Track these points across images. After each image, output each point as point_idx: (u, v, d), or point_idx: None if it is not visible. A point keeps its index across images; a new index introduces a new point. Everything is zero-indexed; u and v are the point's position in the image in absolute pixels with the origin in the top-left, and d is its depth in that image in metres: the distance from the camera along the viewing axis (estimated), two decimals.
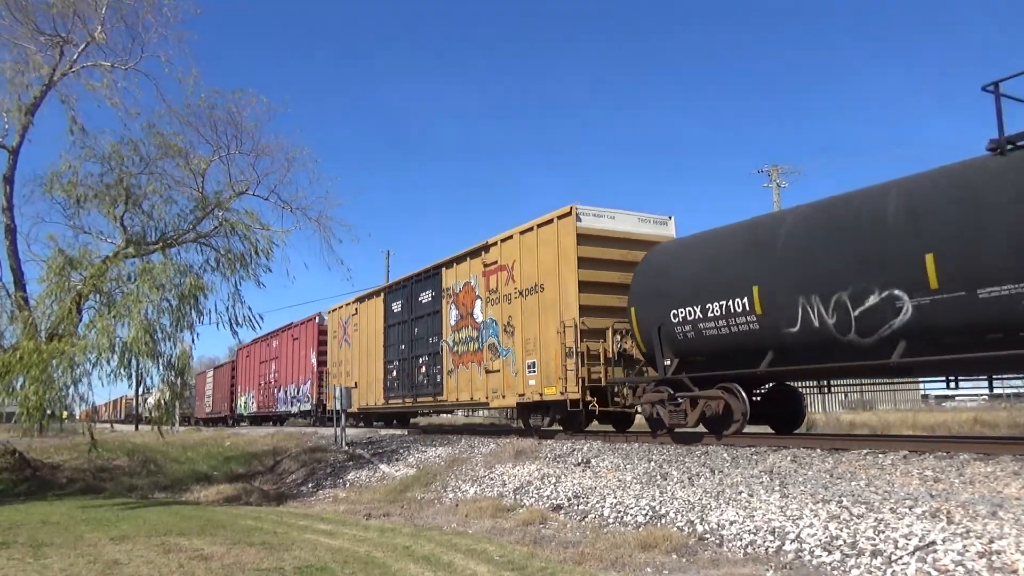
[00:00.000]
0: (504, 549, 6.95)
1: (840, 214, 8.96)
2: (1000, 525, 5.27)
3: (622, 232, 13.56)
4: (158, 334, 12.20)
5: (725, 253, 10.52)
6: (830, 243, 8.86)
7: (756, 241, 9.99)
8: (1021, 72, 7.30)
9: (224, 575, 6.20)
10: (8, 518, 10.20)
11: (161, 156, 13.92)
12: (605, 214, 13.71)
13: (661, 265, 11.66)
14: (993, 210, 7.30)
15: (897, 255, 8.05)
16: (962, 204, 7.62)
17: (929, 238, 7.76)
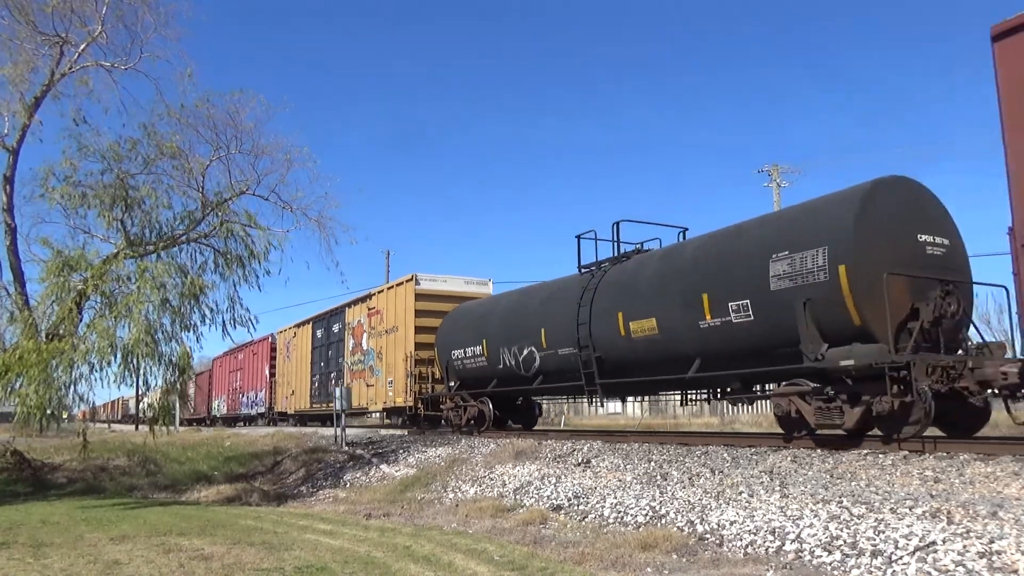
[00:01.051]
0: (504, 549, 6.95)
1: (513, 304, 15.59)
2: (1000, 525, 5.28)
3: (448, 291, 19.53)
4: (159, 334, 12.20)
5: (475, 318, 16.61)
6: (509, 319, 15.20)
7: (485, 314, 16.36)
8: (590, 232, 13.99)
9: (224, 575, 6.20)
10: (8, 518, 10.20)
11: (160, 156, 13.92)
12: (438, 279, 19.78)
13: (450, 321, 17.53)
14: (567, 305, 13.22)
15: (532, 329, 14.23)
16: (557, 301, 13.86)
17: (544, 319, 13.95)
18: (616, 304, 12.08)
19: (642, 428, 19.26)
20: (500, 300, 16.61)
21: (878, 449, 8.48)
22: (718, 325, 10.15)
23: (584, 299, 12.77)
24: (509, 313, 15.33)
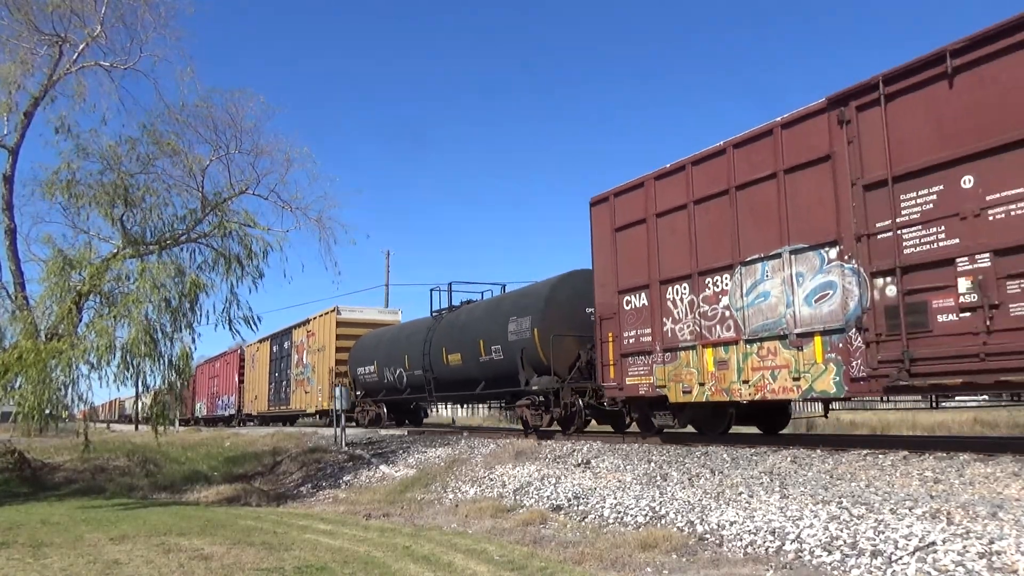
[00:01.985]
0: (504, 549, 6.95)
1: (392, 336, 21.25)
2: (1000, 526, 5.28)
3: (362, 320, 25.38)
4: (158, 334, 12.20)
5: (371, 345, 22.27)
6: (389, 347, 20.67)
7: (376, 343, 21.97)
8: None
9: (224, 575, 6.20)
10: (8, 518, 10.20)
11: (160, 156, 13.92)
12: (356, 310, 26.09)
13: (357, 345, 23.29)
14: (420, 340, 18.67)
15: (401, 355, 19.54)
16: (415, 337, 19.23)
17: (407, 349, 19.37)
18: (443, 342, 17.84)
19: None
20: (386, 332, 22.61)
21: (878, 449, 8.48)
22: (488, 360, 15.89)
23: (428, 337, 18.67)
24: (389, 343, 21.17)
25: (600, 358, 12.28)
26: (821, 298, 8.82)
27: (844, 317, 8.50)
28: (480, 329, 16.24)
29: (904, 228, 7.89)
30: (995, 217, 7.14)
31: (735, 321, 9.90)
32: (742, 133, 9.88)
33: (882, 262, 8.09)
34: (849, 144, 8.51)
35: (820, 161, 8.85)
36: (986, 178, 7.26)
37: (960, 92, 7.57)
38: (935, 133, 7.73)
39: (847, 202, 8.48)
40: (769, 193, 9.45)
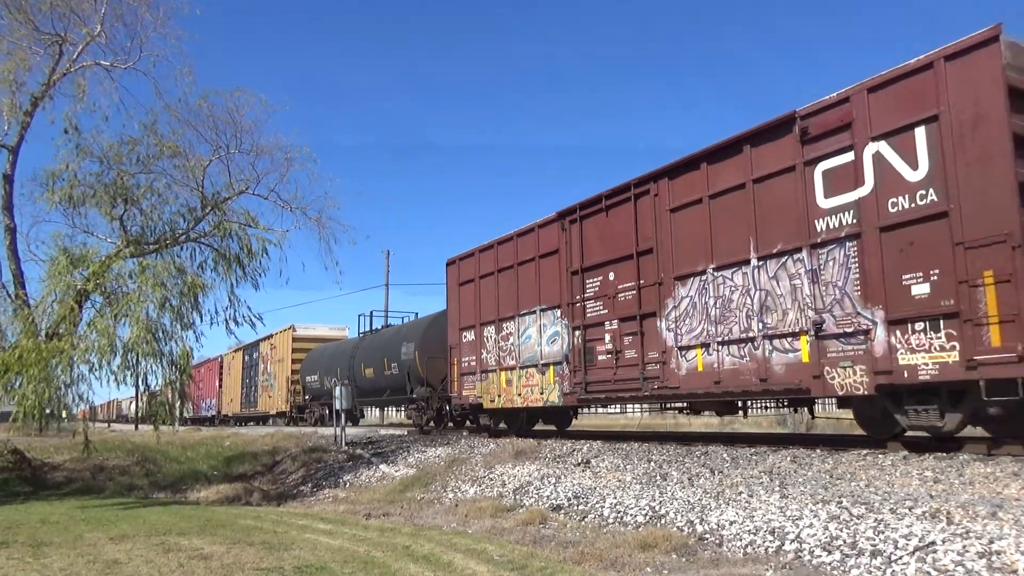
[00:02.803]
0: (504, 549, 6.94)
1: (330, 351, 26.46)
2: (1000, 526, 5.28)
3: (314, 335, 30.84)
4: (159, 333, 12.20)
5: (315, 358, 27.15)
6: (328, 360, 25.40)
7: (319, 356, 26.84)
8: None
9: (224, 574, 6.20)
10: (8, 517, 10.20)
11: (160, 155, 13.92)
12: (310, 327, 31.35)
13: (307, 357, 28.10)
14: (348, 355, 24.15)
15: (335, 368, 24.32)
16: (345, 352, 24.70)
17: (340, 362, 24.25)
18: (362, 358, 23.06)
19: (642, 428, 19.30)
20: (328, 347, 27.66)
21: (878, 450, 8.48)
22: (389, 374, 20.83)
23: (353, 353, 23.93)
24: (329, 356, 25.98)
25: (450, 376, 16.93)
26: (553, 341, 13.51)
27: (562, 354, 13.17)
28: (385, 350, 21.52)
29: (586, 300, 12.71)
30: (620, 298, 12.01)
31: (515, 354, 14.60)
32: (524, 226, 14.52)
33: (576, 320, 12.85)
34: (565, 244, 13.20)
35: (553, 253, 13.55)
36: (618, 275, 12.09)
37: (610, 221, 12.31)
38: (600, 244, 12.48)
39: (565, 281, 13.15)
40: (532, 270, 14.17)
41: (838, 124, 8.78)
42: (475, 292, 15.88)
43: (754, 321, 9.66)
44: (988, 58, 7.42)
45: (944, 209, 7.68)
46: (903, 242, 8.08)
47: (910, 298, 7.95)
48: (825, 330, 8.77)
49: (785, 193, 9.35)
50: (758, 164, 9.75)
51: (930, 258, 7.79)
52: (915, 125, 8.01)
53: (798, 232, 9.15)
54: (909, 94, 8.10)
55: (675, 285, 10.95)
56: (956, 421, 7.89)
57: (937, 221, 7.74)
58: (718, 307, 10.22)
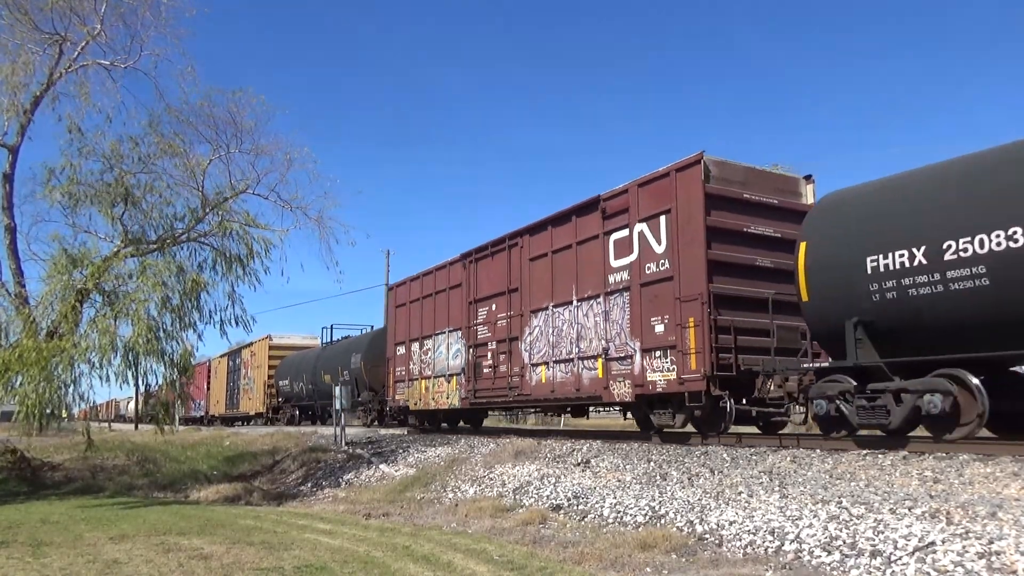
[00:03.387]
0: (504, 549, 6.95)
1: (297, 358, 30.51)
2: (999, 526, 5.27)
3: (288, 344, 33.23)
4: (160, 332, 12.20)
5: (288, 364, 30.94)
6: (296, 366, 29.92)
7: (291, 362, 30.47)
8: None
9: (224, 574, 6.20)
10: (8, 517, 10.20)
11: (161, 155, 13.91)
12: (285, 336, 33.81)
13: (282, 364, 31.31)
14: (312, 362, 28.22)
15: (303, 373, 28.92)
16: (310, 359, 28.42)
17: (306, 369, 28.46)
18: (321, 366, 26.36)
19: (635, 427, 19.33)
20: (299, 355, 30.50)
21: (877, 450, 8.48)
22: (343, 380, 22.54)
23: (315, 362, 27.25)
24: (298, 364, 29.28)
25: (387, 383, 20.29)
26: (456, 356, 16.57)
27: (460, 367, 16.29)
28: (340, 359, 25.13)
29: (477, 325, 15.80)
30: (498, 324, 15.01)
31: (431, 366, 17.75)
32: (441, 262, 17.59)
33: (471, 340, 15.97)
34: (466, 280, 16.34)
35: (459, 286, 16.73)
36: (498, 306, 15.08)
37: (495, 263, 15.32)
38: (488, 281, 15.51)
39: (465, 309, 16.25)
40: (444, 298, 17.31)
41: (622, 208, 12.00)
42: (407, 314, 19.20)
43: (574, 346, 12.86)
44: (695, 173, 10.71)
45: (672, 274, 10.91)
46: (652, 295, 11.28)
47: (654, 334, 11.19)
48: (610, 355, 12.03)
49: (594, 254, 12.53)
50: (580, 231, 12.92)
51: (664, 307, 11.01)
52: (660, 214, 11.20)
53: (599, 283, 12.34)
54: (659, 192, 11.30)
55: (531, 316, 14.11)
56: (682, 420, 11.19)
57: (669, 282, 10.97)
58: (555, 335, 13.41)
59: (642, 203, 11.59)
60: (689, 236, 10.67)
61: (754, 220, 11.03)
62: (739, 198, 10.96)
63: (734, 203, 10.90)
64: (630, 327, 11.59)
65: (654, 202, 11.35)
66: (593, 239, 12.54)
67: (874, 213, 8.50)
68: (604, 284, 12.18)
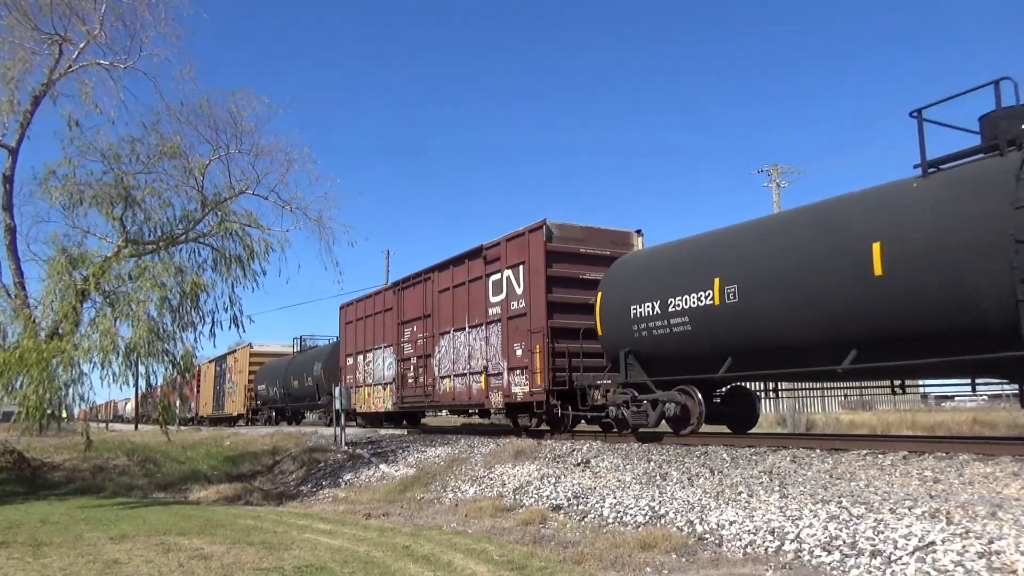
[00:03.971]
0: (504, 549, 6.95)
1: (275, 364, 32.93)
2: (1000, 525, 5.28)
3: (267, 351, 35.68)
4: (160, 333, 12.20)
5: (266, 370, 33.29)
6: (276, 372, 32.04)
7: (269, 368, 32.76)
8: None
9: (224, 574, 6.20)
10: (7, 517, 10.20)
11: (160, 156, 13.90)
12: (266, 345, 36.53)
13: (261, 370, 33.94)
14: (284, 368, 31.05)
15: (279, 377, 31.74)
16: (282, 366, 31.45)
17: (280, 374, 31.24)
18: (291, 372, 29.28)
19: None
20: (274, 362, 33.04)
21: (878, 449, 8.49)
22: (308, 385, 27.25)
23: (287, 368, 29.89)
24: (274, 370, 31.89)
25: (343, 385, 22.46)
26: (389, 368, 19.60)
27: (393, 377, 19.29)
28: (305, 367, 27.95)
29: (403, 343, 18.78)
30: (418, 343, 17.92)
31: (372, 375, 20.84)
32: (379, 287, 21.43)
33: (399, 355, 18.97)
34: (398, 304, 19.17)
35: (391, 310, 19.62)
36: (418, 328, 18.05)
37: (416, 292, 18.22)
38: (411, 307, 18.49)
39: (395, 329, 19.19)
40: (380, 320, 20.38)
41: (496, 256, 15.01)
42: (354, 330, 22.31)
43: (466, 364, 15.92)
44: (539, 235, 13.74)
45: (527, 311, 13.90)
46: (514, 326, 14.26)
47: (516, 357, 14.21)
48: (489, 371, 15.09)
49: (479, 291, 15.46)
50: (470, 272, 15.94)
51: (522, 336, 14.02)
52: (520, 264, 14.18)
53: (482, 314, 15.31)
54: (519, 246, 14.29)
55: (440, 338, 17.15)
56: (535, 422, 14.71)
57: (524, 317, 13.96)
58: (454, 354, 16.45)
59: (509, 254, 14.58)
60: (536, 283, 13.70)
61: (589, 268, 13.84)
62: (576, 252, 13.97)
63: (572, 256, 13.92)
64: (501, 350, 14.68)
65: (516, 254, 14.38)
66: (478, 279, 15.56)
67: (636, 275, 11.81)
68: (485, 315, 15.27)
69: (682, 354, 10.74)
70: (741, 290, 9.64)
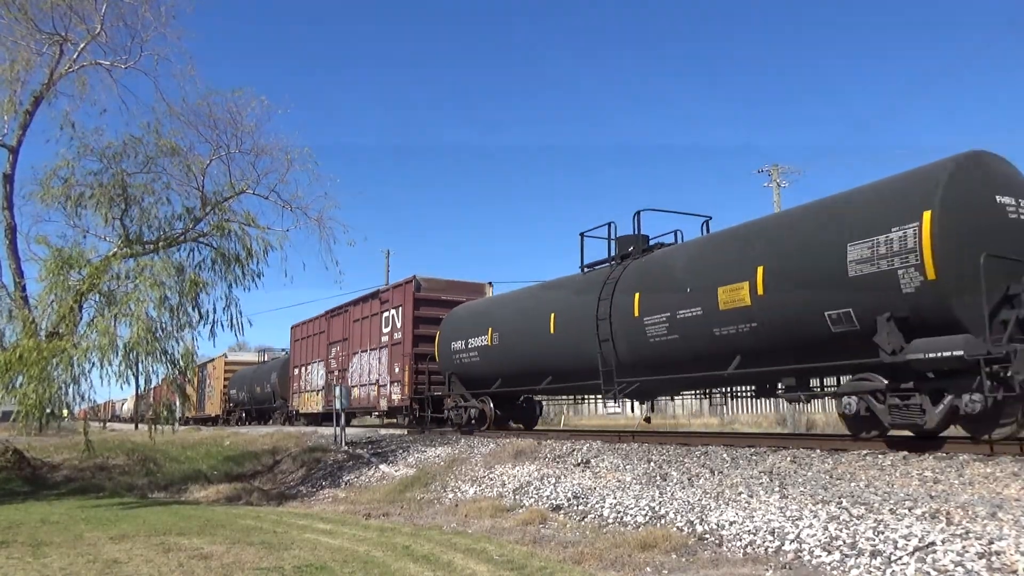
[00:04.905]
0: (504, 549, 6.95)
1: (248, 372, 37.53)
2: (1000, 526, 5.28)
3: (239, 360, 40.98)
4: (159, 332, 12.18)
5: (238, 377, 37.78)
6: (247, 378, 36.51)
7: (240, 376, 37.49)
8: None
9: (224, 574, 6.20)
10: (7, 517, 10.20)
11: (160, 155, 13.89)
12: (238, 354, 42.17)
13: (234, 376, 38.40)
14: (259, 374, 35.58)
15: (250, 382, 36.04)
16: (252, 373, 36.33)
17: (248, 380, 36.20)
18: (255, 380, 33.98)
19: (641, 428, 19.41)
20: (244, 369, 38.11)
21: (878, 449, 8.49)
22: (267, 391, 32.73)
23: (253, 376, 34.70)
24: (241, 377, 36.79)
25: (289, 393, 28.74)
26: (320, 379, 25.02)
27: (322, 386, 24.74)
28: (265, 376, 33.00)
29: (331, 359, 24.39)
30: (340, 359, 23.59)
31: (309, 384, 26.58)
32: (315, 315, 26.41)
33: (327, 369, 24.59)
34: (328, 328, 24.73)
35: (323, 333, 25.19)
36: (340, 348, 23.64)
37: (340, 320, 23.88)
38: (336, 330, 24.15)
39: (326, 348, 24.66)
40: (316, 340, 26.07)
41: (387, 299, 20.52)
42: (299, 347, 28.10)
43: (368, 377, 21.34)
44: (411, 287, 19.31)
45: (401, 341, 19.28)
46: (395, 352, 19.62)
47: (395, 373, 19.50)
48: (380, 383, 20.45)
49: (376, 323, 20.95)
50: (372, 309, 21.38)
51: (399, 359, 19.41)
52: (399, 306, 19.53)
53: (378, 341, 20.73)
54: (399, 293, 19.79)
55: (353, 356, 22.52)
56: (407, 421, 19.80)
57: (400, 345, 19.30)
58: (361, 369, 21.87)
59: (394, 298, 20.17)
60: (408, 320, 19.19)
61: (447, 310, 18.06)
62: (438, 299, 19.31)
63: (434, 301, 19.23)
64: (387, 368, 20.14)
65: (398, 298, 19.93)
66: (376, 315, 21.05)
67: (456, 322, 16.95)
68: (379, 342, 20.77)
69: (476, 376, 16.00)
70: (501, 336, 15.02)
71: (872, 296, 8.09)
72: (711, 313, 10.02)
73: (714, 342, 10.08)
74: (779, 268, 9.19)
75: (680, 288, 10.63)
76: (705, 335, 10.17)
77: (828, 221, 8.90)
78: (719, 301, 9.87)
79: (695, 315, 10.28)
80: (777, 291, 9.15)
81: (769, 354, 9.51)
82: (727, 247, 10.48)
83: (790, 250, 9.21)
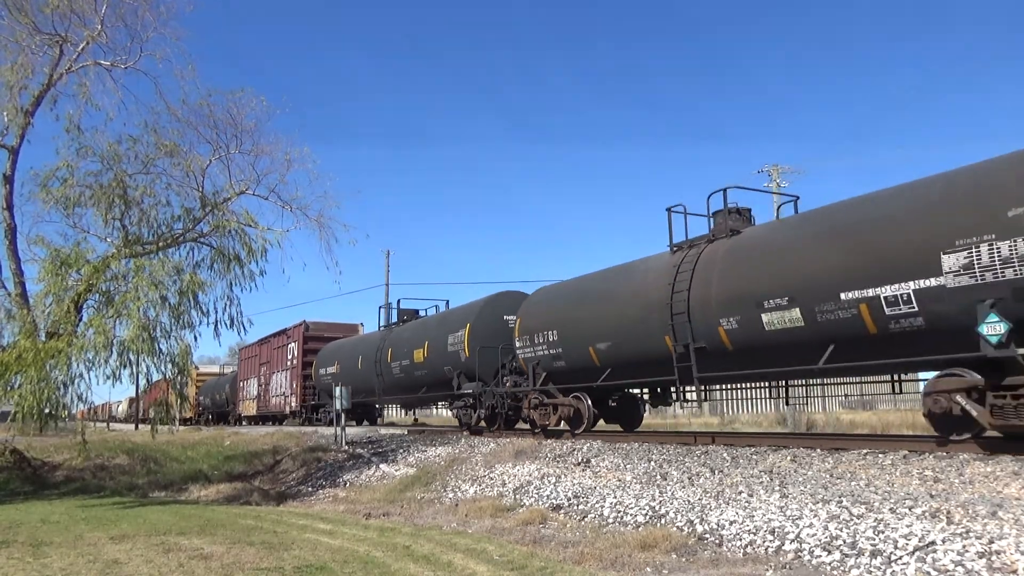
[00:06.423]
0: (504, 548, 6.95)
1: (215, 382, 46.82)
2: (1000, 525, 5.27)
3: (207, 372, 50.50)
4: (157, 332, 12.16)
5: (208, 386, 46.18)
6: (207, 388, 46.36)
7: (211, 385, 45.84)
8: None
9: (224, 574, 6.20)
10: (8, 517, 10.20)
11: (159, 155, 13.88)
12: (206, 366, 54.59)
13: (204, 386, 46.78)
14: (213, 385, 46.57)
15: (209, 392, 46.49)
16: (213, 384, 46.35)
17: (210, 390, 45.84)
18: (216, 389, 44.00)
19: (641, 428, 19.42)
20: (210, 380, 45.65)
21: (878, 449, 8.49)
22: (225, 397, 42.08)
23: (214, 385, 44.65)
24: (209, 385, 44.94)
25: (236, 401, 37.63)
26: (255, 389, 34.61)
27: (256, 395, 34.25)
28: (221, 386, 41.76)
29: (260, 376, 34.22)
30: (265, 376, 33.42)
31: (249, 394, 35.60)
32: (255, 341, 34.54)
33: (259, 383, 33.97)
34: (260, 352, 34.13)
35: (257, 356, 34.49)
36: (266, 367, 33.28)
37: (266, 347, 33.36)
38: (264, 354, 33.56)
39: (258, 367, 34.25)
40: (253, 360, 34.94)
41: (292, 335, 29.95)
42: (243, 366, 36.62)
43: (280, 390, 30.72)
44: (301, 328, 29.60)
45: (297, 365, 29.40)
46: (295, 373, 29.27)
47: (293, 388, 29.24)
48: (287, 395, 29.69)
49: (286, 352, 30.31)
50: (283, 341, 30.77)
51: (296, 378, 29.20)
52: (295, 341, 29.62)
53: (286, 365, 30.13)
54: (296, 333, 29.66)
55: (272, 374, 31.47)
56: (299, 421, 28.15)
57: (295, 368, 29.60)
58: (276, 384, 31.10)
59: (295, 335, 29.26)
60: (300, 352, 28.46)
61: (325, 344, 26.74)
62: (321, 336, 28.29)
63: (319, 338, 28.22)
64: (289, 384, 29.17)
65: (295, 336, 29.21)
66: (285, 345, 30.13)
67: (324, 355, 25.92)
68: (286, 365, 29.82)
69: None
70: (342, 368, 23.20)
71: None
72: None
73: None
74: None
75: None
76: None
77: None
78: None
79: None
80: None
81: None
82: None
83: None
